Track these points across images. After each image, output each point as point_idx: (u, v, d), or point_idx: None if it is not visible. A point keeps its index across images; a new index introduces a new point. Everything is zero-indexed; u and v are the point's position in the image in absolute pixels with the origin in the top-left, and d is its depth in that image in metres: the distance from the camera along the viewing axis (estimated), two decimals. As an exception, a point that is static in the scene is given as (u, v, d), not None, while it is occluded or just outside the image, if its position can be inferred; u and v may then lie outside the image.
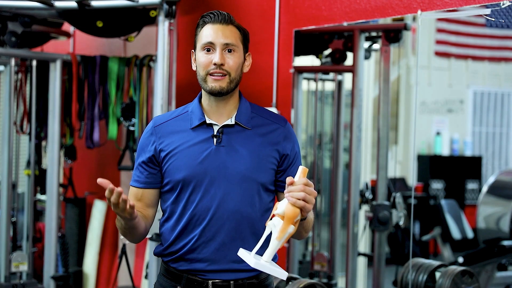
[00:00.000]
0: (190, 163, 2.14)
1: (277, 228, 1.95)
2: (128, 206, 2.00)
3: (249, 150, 2.16)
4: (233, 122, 2.18)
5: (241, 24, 2.28)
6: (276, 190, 2.24)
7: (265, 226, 1.99)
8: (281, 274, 1.97)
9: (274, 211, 1.97)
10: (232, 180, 2.13)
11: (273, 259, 2.07)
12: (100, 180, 1.98)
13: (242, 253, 2.01)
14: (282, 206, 1.95)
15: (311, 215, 2.13)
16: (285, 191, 1.94)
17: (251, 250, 2.03)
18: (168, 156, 2.18)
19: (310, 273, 4.29)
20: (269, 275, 2.22)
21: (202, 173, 2.14)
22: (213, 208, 2.14)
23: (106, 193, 1.99)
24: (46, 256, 4.18)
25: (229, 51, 2.15)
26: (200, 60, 2.16)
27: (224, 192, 2.14)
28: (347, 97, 4.41)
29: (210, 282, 2.15)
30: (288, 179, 1.93)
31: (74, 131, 4.41)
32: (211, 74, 2.14)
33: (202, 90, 2.21)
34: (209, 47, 2.15)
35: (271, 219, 1.97)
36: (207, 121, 2.18)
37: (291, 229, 1.95)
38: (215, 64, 2.13)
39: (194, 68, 2.22)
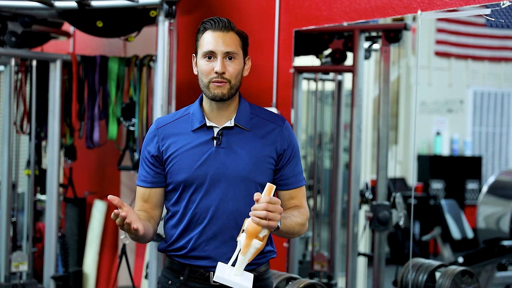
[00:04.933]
0: (191, 165, 2.22)
1: (242, 243, 2.06)
2: (132, 228, 2.07)
3: (248, 151, 2.23)
4: (232, 124, 2.25)
5: (241, 24, 2.31)
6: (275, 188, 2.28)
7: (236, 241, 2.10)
8: (243, 287, 2.07)
9: (243, 227, 2.07)
10: (232, 180, 2.20)
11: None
12: (110, 197, 2.04)
13: (219, 265, 2.12)
14: (246, 222, 2.06)
15: (295, 218, 2.21)
16: (252, 208, 2.03)
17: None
18: (170, 158, 2.25)
19: (310, 273, 4.29)
20: (267, 269, 2.32)
21: (203, 175, 2.21)
22: (213, 207, 2.21)
23: (112, 215, 2.05)
24: (46, 256, 4.18)
25: (230, 58, 2.21)
26: (202, 68, 2.22)
27: (224, 192, 2.21)
28: (347, 97, 4.41)
29: (211, 273, 2.22)
30: (255, 196, 2.03)
31: (74, 131, 4.41)
32: (213, 82, 2.20)
33: (204, 95, 2.27)
34: (210, 55, 2.20)
35: (239, 235, 2.09)
36: (208, 124, 2.25)
37: (257, 244, 2.05)
38: (216, 72, 2.19)
39: (195, 72, 2.28)
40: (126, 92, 4.31)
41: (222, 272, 2.10)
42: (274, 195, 2.30)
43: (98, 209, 4.98)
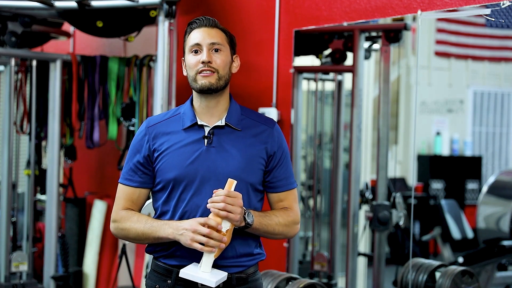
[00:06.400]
0: (181, 163, 2.22)
1: None
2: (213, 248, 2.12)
3: (239, 151, 2.24)
4: (223, 123, 2.26)
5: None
6: (264, 190, 2.32)
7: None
8: (208, 282, 2.10)
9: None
10: (222, 179, 2.19)
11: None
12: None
13: (192, 264, 2.16)
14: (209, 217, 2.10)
15: (277, 218, 2.24)
16: (208, 201, 2.11)
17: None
18: (160, 156, 2.25)
19: (310, 273, 4.29)
20: (256, 270, 2.32)
21: (193, 173, 2.21)
22: (203, 206, 2.20)
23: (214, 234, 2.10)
24: (46, 256, 4.18)
25: (216, 50, 2.23)
26: (189, 61, 2.24)
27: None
28: (347, 97, 4.41)
29: None
30: (214, 190, 2.11)
31: (74, 131, 4.41)
32: (200, 72, 2.21)
33: (193, 91, 2.28)
34: (196, 49, 2.23)
35: None
36: (199, 122, 2.26)
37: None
38: (203, 62, 2.20)
39: (185, 73, 2.30)
40: (126, 92, 4.31)
41: (190, 269, 2.13)
42: (263, 200, 2.31)
43: (98, 209, 4.98)
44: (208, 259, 2.10)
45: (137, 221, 2.23)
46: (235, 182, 2.12)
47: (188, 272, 2.12)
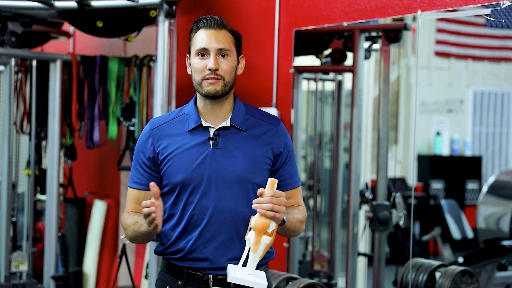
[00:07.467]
0: (188, 166, 2.20)
1: (251, 241, 2.05)
2: (155, 222, 2.06)
3: (244, 152, 2.23)
4: (228, 124, 2.25)
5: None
6: None
7: (244, 241, 2.09)
8: (259, 285, 2.07)
9: (250, 225, 2.06)
10: (229, 181, 2.19)
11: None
12: (152, 184, 2.06)
13: (230, 267, 2.12)
14: (253, 220, 2.05)
15: (296, 215, 2.24)
16: (254, 202, 2.05)
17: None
18: (166, 159, 2.23)
19: (310, 273, 4.29)
20: (266, 270, 2.30)
21: (200, 176, 2.20)
22: (211, 208, 2.19)
23: (143, 203, 2.06)
24: (46, 256, 4.18)
25: (223, 55, 2.20)
26: (195, 66, 2.21)
27: (222, 193, 2.20)
28: (347, 97, 4.41)
29: (210, 276, 2.21)
30: (259, 191, 2.05)
31: (74, 131, 4.41)
32: (206, 79, 2.19)
33: (197, 93, 2.26)
34: (203, 53, 2.20)
35: (247, 234, 2.08)
36: (203, 124, 2.24)
37: (267, 240, 2.06)
38: (209, 69, 2.18)
39: (189, 72, 2.27)
40: (126, 92, 4.31)
41: (234, 272, 2.09)
42: None
43: (98, 209, 4.98)
44: (254, 260, 2.08)
45: (131, 220, 2.22)
46: (277, 180, 2.09)
47: (237, 277, 2.08)
